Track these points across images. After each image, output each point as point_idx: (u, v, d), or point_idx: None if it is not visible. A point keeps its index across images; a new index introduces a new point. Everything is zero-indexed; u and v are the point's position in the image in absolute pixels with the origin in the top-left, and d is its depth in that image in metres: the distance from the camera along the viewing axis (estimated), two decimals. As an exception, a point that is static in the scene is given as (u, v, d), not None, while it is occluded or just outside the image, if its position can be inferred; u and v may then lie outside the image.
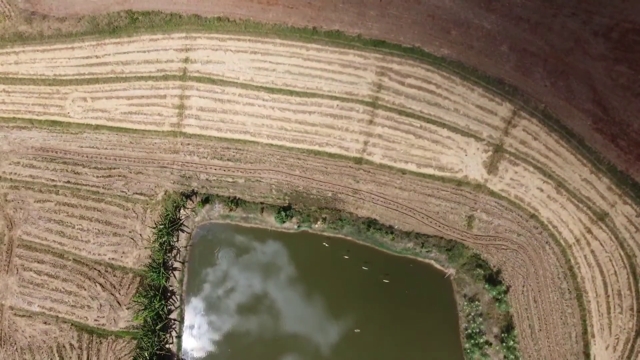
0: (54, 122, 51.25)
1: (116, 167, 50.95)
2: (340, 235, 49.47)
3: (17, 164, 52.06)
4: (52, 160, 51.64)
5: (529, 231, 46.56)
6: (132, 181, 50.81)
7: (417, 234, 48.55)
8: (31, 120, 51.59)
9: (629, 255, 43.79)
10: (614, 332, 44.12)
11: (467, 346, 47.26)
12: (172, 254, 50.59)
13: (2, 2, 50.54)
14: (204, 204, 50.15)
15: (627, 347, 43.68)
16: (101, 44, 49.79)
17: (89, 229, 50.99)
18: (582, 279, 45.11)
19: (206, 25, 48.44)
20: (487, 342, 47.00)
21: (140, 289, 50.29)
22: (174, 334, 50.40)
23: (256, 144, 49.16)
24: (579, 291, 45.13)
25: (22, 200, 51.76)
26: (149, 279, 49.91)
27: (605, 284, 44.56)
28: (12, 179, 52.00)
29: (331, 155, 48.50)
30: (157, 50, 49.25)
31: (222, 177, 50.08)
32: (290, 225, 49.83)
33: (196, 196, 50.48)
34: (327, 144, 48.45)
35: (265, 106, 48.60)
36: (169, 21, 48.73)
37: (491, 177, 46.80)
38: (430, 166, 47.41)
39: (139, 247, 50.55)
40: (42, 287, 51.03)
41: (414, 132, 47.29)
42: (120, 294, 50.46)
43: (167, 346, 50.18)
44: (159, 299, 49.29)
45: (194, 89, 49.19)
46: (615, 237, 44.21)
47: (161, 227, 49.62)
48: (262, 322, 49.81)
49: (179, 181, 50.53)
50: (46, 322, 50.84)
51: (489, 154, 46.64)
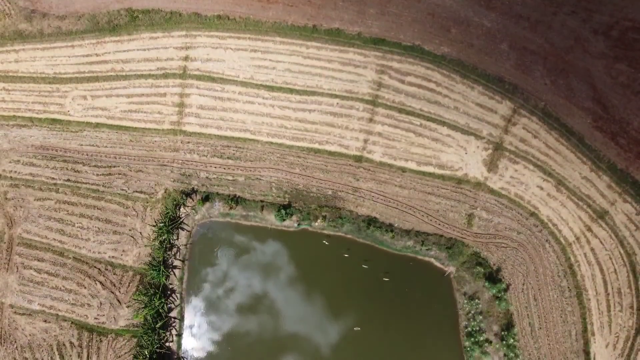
0: (54, 120, 51.26)
1: (116, 165, 50.94)
2: (340, 233, 49.47)
3: (17, 162, 52.06)
4: (52, 158, 51.63)
5: (529, 229, 46.55)
6: (132, 179, 50.82)
7: (417, 232, 48.54)
8: (31, 118, 51.62)
9: (629, 253, 43.79)
10: (614, 330, 44.11)
11: (467, 344, 47.25)
12: (172, 252, 50.58)
13: (3, 0, 50.59)
14: (204, 202, 50.15)
15: (627, 345, 43.68)
16: (101, 42, 49.82)
17: (89, 227, 50.99)
18: (582, 277, 45.11)
19: (206, 23, 48.45)
20: (487, 340, 47.00)
21: (140, 287, 50.27)
22: (174, 332, 50.38)
23: (256, 142, 49.16)
24: (578, 289, 45.13)
25: (22, 198, 51.76)
26: (149, 277, 49.89)
27: (605, 282, 44.55)
28: (12, 177, 51.99)
29: (331, 153, 48.51)
30: (157, 48, 49.27)
31: (222, 175, 50.08)
32: (290, 223, 49.82)
33: (196, 194, 50.47)
34: (327, 142, 48.45)
35: (265, 104, 48.61)
36: (169, 19, 48.75)
37: (491, 175, 46.79)
38: (430, 164, 47.41)
39: (139, 245, 50.54)
40: (42, 285, 51.02)
41: (414, 130, 47.29)
42: (120, 292, 50.44)
43: (167, 344, 50.17)
44: (159, 297, 49.29)
45: (194, 87, 49.21)
46: (615, 235, 44.21)
47: (161, 225, 49.62)
48: (262, 321, 49.76)
49: (179, 179, 50.53)
50: (46, 321, 50.81)
51: (489, 152, 46.63)
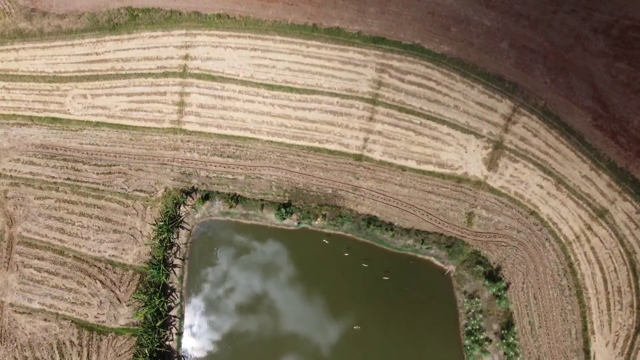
0: (54, 119, 51.28)
1: (116, 164, 50.95)
2: (340, 232, 49.46)
3: (17, 161, 52.07)
4: (52, 157, 51.64)
5: (529, 228, 46.55)
6: (132, 178, 50.82)
7: (417, 231, 48.54)
8: (31, 117, 51.63)
9: (629, 252, 43.78)
10: (614, 329, 44.11)
11: (467, 343, 47.25)
12: (172, 251, 50.58)
13: (2, -1, 50.74)
14: (204, 200, 50.14)
15: (627, 343, 43.66)
16: (101, 40, 49.84)
17: (89, 226, 51.00)
18: (582, 275, 45.10)
19: (206, 22, 48.45)
20: (487, 339, 47.00)
21: (140, 285, 50.27)
22: (174, 330, 50.38)
23: (256, 140, 49.17)
24: (578, 288, 45.11)
25: (22, 197, 51.77)
26: (149, 275, 49.91)
27: (605, 281, 44.54)
28: (12, 175, 52.01)
29: (331, 152, 48.51)
30: (157, 47, 49.28)
31: (222, 174, 50.08)
32: (290, 222, 49.82)
33: (196, 193, 50.48)
34: (327, 141, 48.45)
35: (265, 103, 48.61)
36: (169, 18, 48.75)
37: (491, 174, 46.79)
38: (430, 163, 47.41)
39: (139, 244, 50.54)
40: (42, 284, 51.04)
41: (414, 129, 47.29)
42: (120, 290, 50.45)
43: (167, 343, 50.19)
44: (159, 296, 49.31)
45: (194, 86, 49.21)
46: (615, 233, 44.20)
47: (161, 224, 49.63)
48: (262, 320, 49.73)
49: (179, 178, 50.53)
50: (46, 319, 50.82)
51: (489, 151, 46.63)
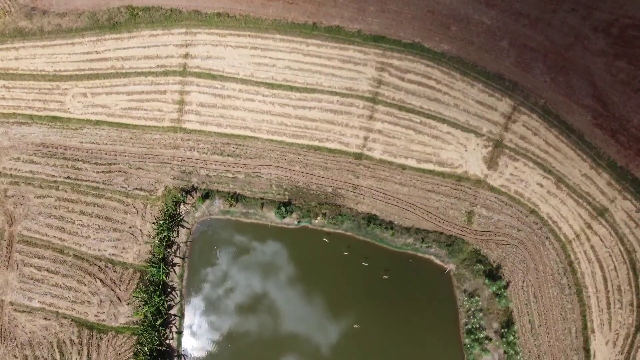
0: (54, 117, 51.28)
1: (116, 163, 50.96)
2: (340, 230, 49.45)
3: (17, 159, 52.07)
4: (52, 156, 51.64)
5: (529, 226, 46.56)
6: (132, 177, 50.81)
7: (417, 230, 48.54)
8: (31, 116, 51.63)
9: (629, 250, 43.80)
10: (614, 328, 44.12)
11: (467, 341, 47.24)
12: (172, 250, 50.56)
13: (3, -2, 50.73)
14: (204, 199, 50.14)
15: (627, 342, 43.68)
16: (101, 39, 49.83)
17: (89, 225, 50.99)
18: (582, 274, 45.11)
19: (206, 20, 48.47)
20: (487, 338, 47.00)
21: (140, 284, 50.25)
22: (174, 329, 50.37)
23: (256, 139, 49.17)
24: (578, 286, 45.12)
25: (22, 196, 51.76)
26: (149, 274, 49.90)
27: (605, 280, 44.56)
28: (12, 174, 52.00)
29: (331, 150, 48.52)
30: (157, 45, 49.29)
31: (222, 172, 50.08)
32: (290, 220, 49.82)
33: (196, 192, 50.48)
34: (327, 140, 48.46)
35: (265, 102, 48.63)
36: (169, 17, 48.76)
37: (491, 173, 46.80)
38: (430, 162, 47.41)
39: (139, 242, 50.54)
40: (42, 282, 51.01)
41: (414, 128, 47.30)
42: (120, 289, 50.44)
43: (167, 342, 50.17)
44: (159, 295, 49.30)
45: (194, 85, 49.22)
46: (615, 232, 44.22)
47: (161, 223, 49.63)
48: (262, 319, 49.68)
49: (179, 177, 50.54)
50: (46, 318, 50.80)
51: (489, 150, 46.64)
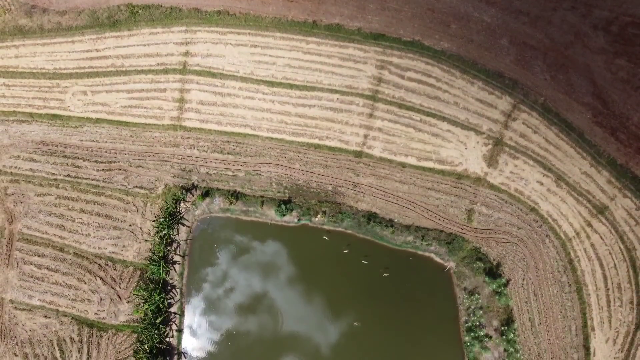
0: (54, 115, 51.30)
1: (116, 161, 50.96)
2: (340, 228, 49.44)
3: (17, 157, 52.07)
4: (52, 153, 51.66)
5: (529, 224, 46.56)
6: (132, 175, 50.82)
7: (417, 228, 48.53)
8: (31, 114, 51.63)
9: (629, 248, 43.83)
10: (614, 326, 44.14)
11: (467, 339, 47.23)
12: (172, 248, 50.57)
13: (3, -4, 50.75)
14: (204, 197, 50.15)
15: (627, 340, 43.73)
16: (101, 37, 49.85)
17: (89, 223, 51.01)
18: (582, 272, 45.13)
19: (206, 18, 48.49)
20: (487, 335, 46.97)
21: (140, 282, 50.27)
22: (174, 327, 50.36)
23: (256, 137, 49.17)
24: (578, 284, 45.14)
25: (23, 194, 51.77)
26: (149, 272, 49.91)
27: (605, 277, 44.58)
28: (12, 172, 52.01)
29: (331, 148, 48.52)
30: (157, 43, 49.31)
31: (222, 170, 50.09)
32: (290, 218, 49.82)
33: (196, 190, 50.49)
34: (327, 138, 48.46)
35: (265, 100, 48.64)
36: (169, 15, 48.77)
37: (491, 171, 46.81)
38: (430, 159, 47.42)
39: (139, 240, 50.54)
40: (42, 280, 51.03)
41: (414, 126, 47.31)
42: (120, 287, 50.45)
43: (168, 340, 50.18)
44: (159, 293, 49.31)
45: (194, 83, 49.23)
46: (615, 230, 44.25)
47: (161, 221, 49.63)
48: (262, 318, 49.68)
49: (179, 175, 50.53)
50: (46, 316, 50.82)
51: (489, 147, 46.64)
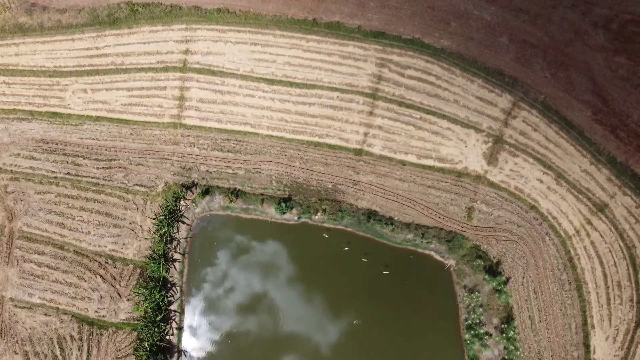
0: (55, 113, 51.29)
1: (116, 159, 50.95)
2: (340, 226, 49.45)
3: (17, 155, 52.06)
4: (52, 152, 51.65)
5: (529, 222, 46.58)
6: (132, 173, 50.82)
7: (417, 225, 48.55)
8: (31, 111, 51.63)
9: (629, 246, 43.86)
10: (614, 323, 44.18)
11: (467, 337, 47.25)
12: (173, 246, 50.57)
13: (3, -6, 50.75)
14: (204, 195, 50.16)
15: (627, 338, 43.77)
16: (101, 35, 49.86)
17: (89, 221, 51.00)
18: (582, 270, 45.16)
19: (206, 16, 48.50)
20: (487, 333, 47.00)
21: (140, 280, 50.27)
22: (174, 325, 50.37)
23: (256, 135, 49.19)
24: (578, 282, 45.17)
25: (23, 192, 51.76)
26: (149, 270, 49.90)
27: (605, 275, 44.61)
28: (12, 170, 51.99)
29: (331, 146, 48.52)
30: (157, 41, 49.32)
31: (222, 168, 50.09)
32: (290, 216, 49.84)
33: (196, 187, 50.49)
34: (327, 136, 48.47)
35: (265, 98, 48.64)
36: (169, 12, 48.78)
37: (491, 169, 46.83)
38: (430, 157, 47.43)
39: (139, 238, 50.55)
40: (42, 278, 51.03)
41: (414, 124, 47.33)
42: (120, 285, 50.46)
43: (168, 337, 50.18)
44: (159, 290, 49.31)
45: (194, 81, 49.24)
46: (615, 228, 44.28)
47: (161, 219, 49.63)
48: (262, 317, 49.72)
49: (179, 172, 50.54)
50: (46, 314, 50.82)
51: (489, 145, 46.66)
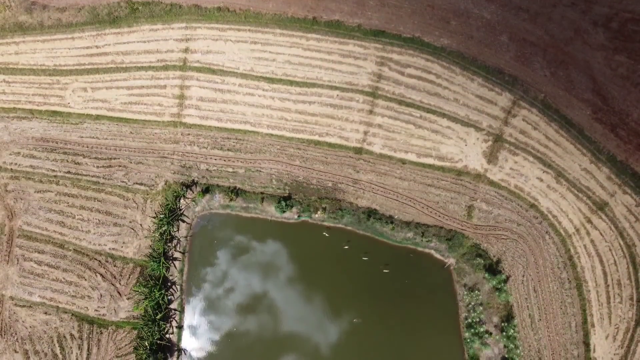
0: (55, 112, 51.30)
1: (116, 158, 50.97)
2: (340, 225, 49.46)
3: (17, 154, 52.08)
4: (52, 150, 51.67)
5: (529, 221, 46.59)
6: (132, 171, 50.84)
7: (417, 224, 48.55)
8: (31, 110, 51.65)
9: (629, 244, 43.88)
10: (614, 322, 44.19)
11: (467, 335, 47.25)
12: (173, 244, 50.57)
13: (3, -8, 50.75)
14: (204, 194, 50.17)
15: (627, 336, 43.78)
16: (101, 34, 49.87)
17: (89, 219, 51.02)
18: (582, 268, 45.17)
19: (206, 15, 48.51)
20: (487, 332, 47.01)
21: (140, 279, 50.28)
22: (174, 324, 50.39)
23: (256, 134, 49.21)
24: (578, 281, 45.18)
25: (23, 190, 51.79)
26: (149, 269, 49.90)
27: (605, 274, 44.62)
28: (12, 169, 52.02)
29: (331, 145, 48.54)
30: (157, 40, 49.33)
31: (222, 167, 50.11)
32: (290, 215, 49.85)
33: (196, 186, 50.50)
34: (327, 134, 48.49)
35: (265, 96, 48.66)
36: (169, 11, 48.79)
37: (491, 167, 46.84)
38: (430, 156, 47.45)
39: (139, 237, 50.57)
40: (42, 277, 51.05)
41: (414, 122, 47.33)
42: (120, 284, 50.48)
43: (168, 336, 50.20)
44: (159, 289, 49.31)
45: (194, 79, 49.26)
46: (614, 226, 44.29)
47: (161, 217, 49.65)
48: (262, 316, 49.74)
49: (179, 171, 50.56)
50: (47, 313, 50.84)
51: (489, 144, 46.68)
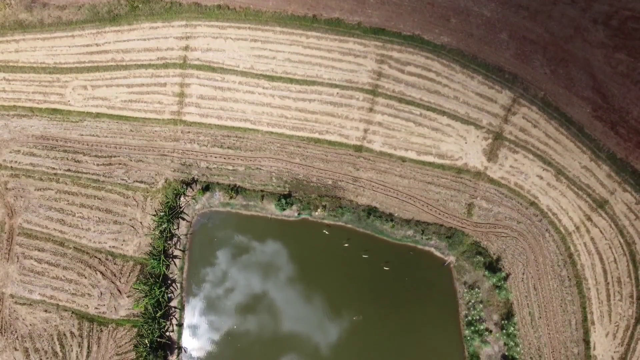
0: (55, 110, 51.33)
1: (116, 155, 50.99)
2: (340, 222, 49.44)
3: (17, 152, 52.09)
4: (52, 148, 51.67)
5: (529, 219, 46.60)
6: (132, 169, 50.85)
7: (417, 222, 48.54)
8: (32, 108, 51.67)
9: (629, 242, 43.90)
10: (614, 320, 44.21)
11: (467, 333, 47.24)
12: (173, 242, 50.57)
13: (3, -10, 50.79)
14: (204, 191, 50.17)
15: (627, 334, 43.80)
16: (101, 32, 49.90)
17: (89, 217, 51.03)
18: (582, 266, 45.18)
19: (206, 13, 48.53)
20: (487, 329, 47.02)
21: (140, 276, 50.27)
22: (175, 321, 50.37)
23: (256, 131, 49.21)
24: (578, 278, 45.19)
25: (23, 188, 51.80)
26: (149, 266, 49.90)
27: (605, 272, 44.64)
28: (12, 167, 52.03)
29: (331, 143, 48.56)
30: (157, 38, 49.35)
31: (222, 164, 50.12)
32: (290, 212, 49.85)
33: (196, 184, 50.49)
34: (327, 132, 48.49)
35: (265, 94, 48.67)
36: (169, 9, 48.82)
37: (491, 165, 46.85)
38: (430, 154, 47.46)
39: (139, 235, 50.57)
40: (42, 275, 51.05)
41: (414, 120, 47.35)
42: (120, 282, 50.47)
43: (168, 334, 50.18)
44: (160, 287, 49.31)
45: (194, 77, 49.27)
46: (614, 224, 44.31)
47: (161, 215, 49.66)
48: (262, 315, 49.74)
49: (179, 169, 50.57)
50: (47, 310, 50.84)
51: (489, 142, 46.69)
